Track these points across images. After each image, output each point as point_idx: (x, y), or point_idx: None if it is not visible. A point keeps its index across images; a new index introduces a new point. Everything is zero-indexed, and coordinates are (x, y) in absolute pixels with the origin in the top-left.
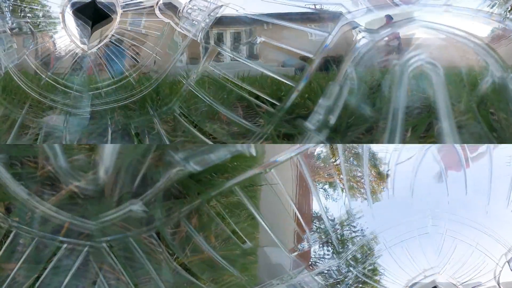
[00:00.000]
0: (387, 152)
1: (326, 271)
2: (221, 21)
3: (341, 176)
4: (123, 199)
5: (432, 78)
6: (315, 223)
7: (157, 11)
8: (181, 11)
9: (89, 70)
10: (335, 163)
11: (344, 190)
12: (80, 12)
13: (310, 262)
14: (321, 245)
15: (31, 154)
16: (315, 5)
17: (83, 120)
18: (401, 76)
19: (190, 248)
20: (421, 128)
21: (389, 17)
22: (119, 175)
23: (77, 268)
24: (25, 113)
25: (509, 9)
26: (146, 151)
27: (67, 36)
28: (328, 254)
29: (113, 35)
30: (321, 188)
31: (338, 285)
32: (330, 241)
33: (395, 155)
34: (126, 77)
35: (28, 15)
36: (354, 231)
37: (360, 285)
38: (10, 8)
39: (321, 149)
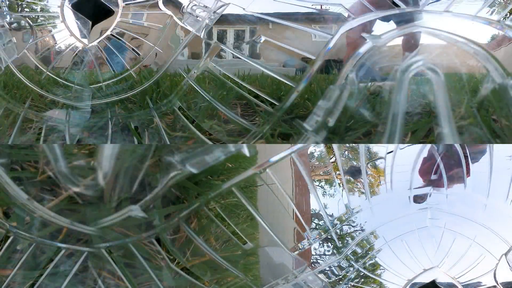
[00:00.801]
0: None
1: (328, 269)
2: (225, 19)
3: (338, 172)
4: (122, 204)
5: (432, 83)
6: (314, 221)
7: (160, 4)
8: (185, 7)
9: (90, 64)
10: (332, 161)
11: (342, 187)
12: (80, 7)
13: (311, 261)
14: (321, 243)
15: (32, 158)
16: (313, 5)
17: (85, 114)
18: (401, 80)
19: (191, 252)
20: (421, 133)
21: (363, 25)
22: (117, 180)
23: (75, 273)
24: (27, 107)
25: (508, 14)
26: (144, 154)
27: (66, 31)
28: (328, 251)
29: (114, 28)
30: (319, 186)
31: (341, 281)
32: (330, 237)
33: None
34: (127, 70)
35: (26, 9)
36: (353, 226)
37: (362, 279)
38: (8, 3)
39: (318, 148)
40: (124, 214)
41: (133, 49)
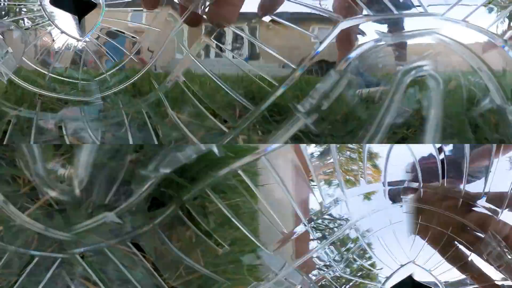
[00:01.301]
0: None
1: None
2: None
3: (335, 172)
4: (97, 210)
5: (430, 91)
6: (314, 220)
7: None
8: None
9: (90, 59)
10: (331, 161)
11: (340, 186)
12: (60, 2)
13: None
14: (319, 242)
15: (10, 157)
16: (313, 5)
17: (97, 106)
18: (399, 82)
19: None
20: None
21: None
22: (94, 185)
23: (48, 280)
24: (38, 110)
25: None
26: (122, 156)
27: (56, 29)
28: (328, 252)
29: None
30: (319, 186)
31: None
32: (328, 237)
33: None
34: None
35: (10, 14)
36: (342, 221)
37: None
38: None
39: (318, 148)
40: (99, 220)
41: (132, 37)
